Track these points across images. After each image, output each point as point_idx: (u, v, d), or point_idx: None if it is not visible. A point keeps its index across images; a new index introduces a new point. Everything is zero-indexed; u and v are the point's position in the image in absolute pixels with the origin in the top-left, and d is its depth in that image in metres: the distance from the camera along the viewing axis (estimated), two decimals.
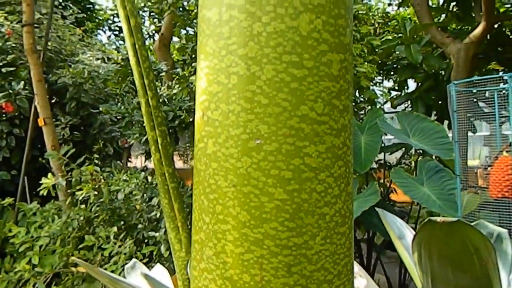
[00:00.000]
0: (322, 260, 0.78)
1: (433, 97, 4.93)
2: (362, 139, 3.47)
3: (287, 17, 0.71)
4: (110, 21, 7.57)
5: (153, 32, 6.53)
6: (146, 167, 4.49)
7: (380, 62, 4.93)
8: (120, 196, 3.73)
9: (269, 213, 0.75)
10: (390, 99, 5.56)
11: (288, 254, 0.76)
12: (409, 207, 4.95)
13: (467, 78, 4.66)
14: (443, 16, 5.98)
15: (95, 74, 4.34)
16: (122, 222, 3.81)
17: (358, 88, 3.93)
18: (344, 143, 0.80)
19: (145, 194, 3.80)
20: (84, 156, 3.96)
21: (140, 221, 3.79)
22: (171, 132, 3.83)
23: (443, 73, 5.15)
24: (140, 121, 3.70)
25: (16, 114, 4.81)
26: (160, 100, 3.90)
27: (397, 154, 5.52)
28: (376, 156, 3.78)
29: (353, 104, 0.81)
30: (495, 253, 1.26)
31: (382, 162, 5.26)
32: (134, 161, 6.70)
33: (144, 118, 2.53)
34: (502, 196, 2.66)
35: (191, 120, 3.55)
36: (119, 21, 8.43)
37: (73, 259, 1.82)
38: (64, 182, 3.80)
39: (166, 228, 2.40)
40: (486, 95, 3.60)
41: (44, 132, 4.31)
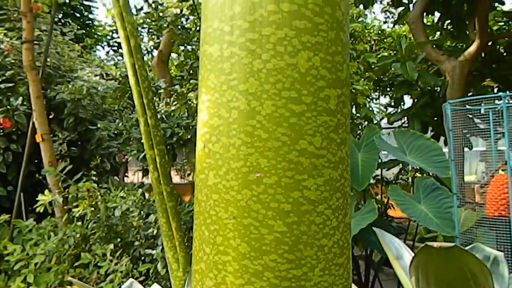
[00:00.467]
0: None
1: (429, 114, 4.98)
2: (359, 156, 3.49)
3: (286, 55, 0.74)
4: (109, 37, 7.64)
5: (151, 48, 6.58)
6: (143, 183, 4.49)
7: (377, 79, 4.99)
8: (117, 213, 3.71)
9: (269, 245, 0.76)
10: (387, 115, 5.61)
11: (288, 286, 0.77)
12: (407, 223, 4.96)
13: (463, 95, 4.72)
14: (438, 34, 6.07)
15: (94, 91, 4.36)
16: (119, 239, 3.79)
17: (355, 105, 3.97)
18: (342, 175, 0.81)
19: (142, 211, 3.78)
20: (82, 173, 3.95)
21: (137, 238, 3.77)
22: (169, 149, 3.84)
23: (439, 90, 5.21)
24: (138, 138, 3.71)
25: (14, 130, 4.81)
26: (158, 117, 3.92)
27: (394, 170, 5.54)
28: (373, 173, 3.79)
29: (350, 121, 0.83)
30: (492, 278, 1.27)
31: (379, 178, 5.28)
32: (131, 177, 6.68)
33: (143, 137, 2.54)
34: (499, 215, 2.68)
35: (189, 137, 3.57)
36: (118, 37, 8.52)
37: (69, 279, 1.81)
38: (61, 199, 3.78)
39: (164, 247, 2.39)
40: (482, 112, 3.65)
41: (42, 148, 4.31)
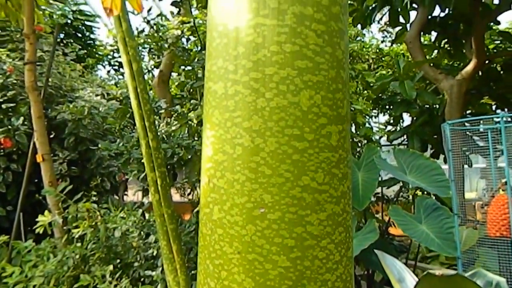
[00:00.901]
0: None
1: (428, 132, 5.01)
2: (360, 176, 3.50)
3: (289, 94, 0.76)
4: (110, 56, 7.74)
5: (152, 67, 6.65)
6: (143, 203, 4.47)
7: (376, 97, 5.04)
8: (117, 234, 3.69)
9: (273, 280, 0.77)
10: (386, 133, 5.65)
11: None
12: (409, 241, 4.93)
13: (461, 113, 4.76)
14: (435, 52, 6.15)
15: (95, 112, 4.39)
16: (118, 260, 3.76)
17: (355, 124, 4.00)
18: (344, 209, 0.82)
19: (142, 232, 3.77)
20: (82, 193, 3.95)
21: (137, 259, 3.74)
22: (169, 169, 3.85)
23: (438, 108, 5.25)
24: (139, 158, 3.72)
25: (14, 150, 4.82)
26: (159, 137, 3.94)
27: (395, 187, 5.54)
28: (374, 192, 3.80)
29: (350, 140, 0.85)
30: None
31: (380, 196, 5.28)
32: (131, 196, 6.67)
33: (144, 160, 2.56)
34: (501, 235, 2.67)
35: (189, 157, 3.58)
36: (119, 56, 8.62)
37: None
38: (61, 220, 3.76)
39: (164, 270, 2.38)
40: (480, 130, 3.68)
41: (42, 168, 4.31)
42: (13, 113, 4.88)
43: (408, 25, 5.20)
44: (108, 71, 7.85)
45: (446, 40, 5.38)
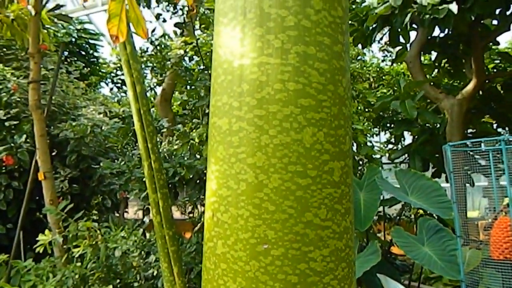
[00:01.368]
0: None
1: (430, 151, 5.02)
2: (361, 196, 3.49)
3: (292, 131, 0.77)
4: (113, 74, 7.82)
5: (155, 85, 6.70)
6: (144, 222, 4.45)
7: (377, 116, 5.06)
8: (117, 253, 3.67)
9: None
10: (388, 151, 5.65)
11: None
12: (412, 261, 4.88)
13: (462, 132, 4.77)
14: (436, 71, 6.20)
15: (98, 131, 4.42)
16: (118, 280, 3.72)
17: (356, 144, 4.01)
18: (347, 245, 0.83)
19: (143, 251, 3.74)
20: (82, 212, 3.94)
21: (137, 279, 3.71)
22: (170, 187, 3.85)
23: (439, 127, 5.26)
24: (140, 177, 3.72)
25: (16, 167, 4.83)
26: (161, 156, 3.95)
27: (397, 205, 5.52)
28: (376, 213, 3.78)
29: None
30: None
31: (382, 215, 5.25)
32: (131, 213, 6.64)
33: (147, 181, 2.56)
34: (504, 258, 2.65)
35: (191, 177, 3.58)
36: (122, 74, 8.72)
37: None
38: (61, 239, 3.75)
39: None
40: (482, 149, 3.68)
41: (44, 186, 4.31)
42: (16, 131, 4.91)
43: (408, 45, 5.26)
44: (111, 89, 7.94)
45: (446, 60, 5.43)
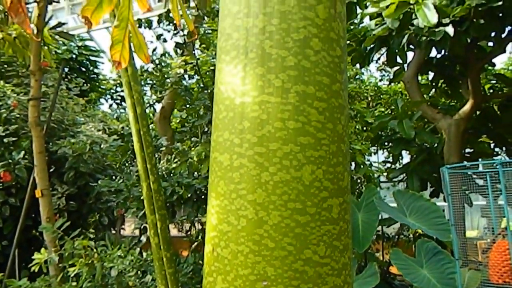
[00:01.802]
0: None
1: (427, 170, 5.03)
2: (360, 217, 3.48)
3: (292, 169, 0.78)
4: (113, 91, 7.87)
5: (154, 101, 6.73)
6: (140, 240, 4.41)
7: (375, 136, 5.09)
8: (113, 273, 3.64)
9: None
10: (386, 170, 5.66)
11: None
12: None
13: (460, 152, 4.78)
14: (433, 90, 6.26)
15: (97, 149, 4.43)
16: None
17: (354, 164, 4.03)
18: (345, 281, 0.83)
19: (139, 271, 3.71)
20: (79, 230, 3.92)
21: None
22: (168, 206, 3.84)
23: (436, 146, 5.28)
24: (138, 196, 3.71)
25: (13, 184, 4.81)
26: (159, 174, 3.95)
27: (396, 224, 5.50)
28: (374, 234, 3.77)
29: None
30: None
31: (380, 234, 5.23)
32: (128, 229, 6.59)
33: (145, 202, 2.56)
34: (503, 282, 2.64)
35: (189, 196, 3.58)
36: (122, 90, 8.77)
37: None
38: (57, 258, 3.71)
39: None
40: (480, 169, 3.70)
41: (41, 204, 4.29)
42: (14, 147, 4.91)
43: (406, 65, 5.32)
44: (110, 105, 7.97)
45: (443, 80, 5.49)
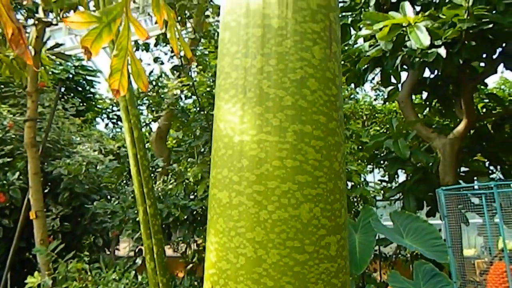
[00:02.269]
0: None
1: (423, 190, 5.05)
2: (356, 238, 3.47)
3: (290, 207, 0.79)
4: (109, 110, 7.88)
5: (150, 121, 6.74)
6: (135, 262, 4.36)
7: (370, 155, 5.11)
8: None
9: None
10: (382, 188, 5.67)
11: None
12: None
13: (455, 171, 4.81)
14: (427, 109, 6.33)
15: (93, 171, 4.41)
16: None
17: (350, 184, 4.03)
18: None
19: None
20: (73, 253, 3.87)
21: None
22: (164, 228, 3.81)
23: (432, 165, 5.31)
24: (134, 218, 3.69)
25: (7, 205, 4.77)
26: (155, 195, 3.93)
27: (393, 244, 5.48)
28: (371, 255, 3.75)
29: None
30: None
31: (377, 253, 5.21)
32: (122, 249, 6.52)
33: (141, 226, 2.54)
34: None
35: (185, 218, 3.56)
36: (118, 110, 8.78)
37: None
38: (50, 282, 3.66)
39: None
40: (475, 192, 3.71)
41: (35, 225, 4.25)
42: (9, 168, 4.88)
43: (400, 85, 5.39)
44: (106, 125, 7.96)
45: (437, 100, 5.56)
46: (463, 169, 5.52)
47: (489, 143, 5.24)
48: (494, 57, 4.50)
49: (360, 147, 5.40)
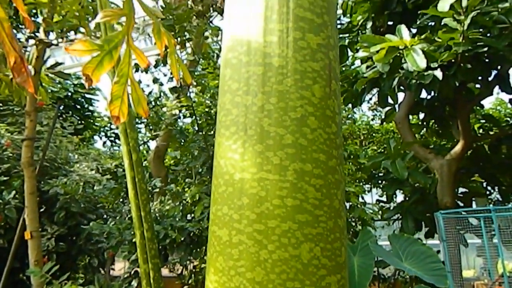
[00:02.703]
0: None
1: (422, 210, 5.04)
2: (355, 261, 3.43)
3: (290, 247, 0.79)
4: (107, 128, 7.89)
5: (148, 139, 6.75)
6: (130, 283, 4.29)
7: (368, 176, 5.12)
8: None
9: None
10: (381, 208, 5.65)
11: None
12: None
13: (453, 192, 4.81)
14: (424, 130, 6.36)
15: (90, 191, 4.39)
16: None
17: (348, 206, 4.02)
18: None
19: None
20: (67, 274, 3.81)
21: None
22: (161, 249, 3.77)
23: (430, 185, 5.31)
24: (130, 239, 3.65)
25: (2, 224, 4.71)
26: (152, 216, 3.89)
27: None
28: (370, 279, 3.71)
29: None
30: None
31: (376, 274, 5.14)
32: (117, 269, 6.42)
33: (138, 251, 2.52)
34: None
35: (182, 240, 3.53)
36: (116, 127, 8.81)
37: None
38: None
39: None
40: (473, 216, 3.71)
41: (29, 246, 4.19)
42: (6, 187, 4.84)
43: (397, 106, 5.43)
44: (104, 143, 7.96)
45: (434, 121, 5.60)
46: (461, 190, 5.52)
47: (486, 164, 5.26)
48: (490, 79, 4.56)
49: (358, 167, 5.41)
